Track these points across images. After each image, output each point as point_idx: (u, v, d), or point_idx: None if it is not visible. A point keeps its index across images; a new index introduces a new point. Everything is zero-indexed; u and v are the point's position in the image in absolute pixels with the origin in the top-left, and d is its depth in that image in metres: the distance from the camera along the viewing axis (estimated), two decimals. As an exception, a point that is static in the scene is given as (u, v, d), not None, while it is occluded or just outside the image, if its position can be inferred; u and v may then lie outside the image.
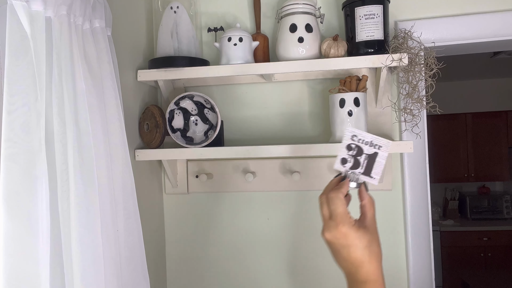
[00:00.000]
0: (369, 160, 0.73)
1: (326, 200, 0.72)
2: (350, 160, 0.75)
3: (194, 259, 1.34)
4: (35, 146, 0.70)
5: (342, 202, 0.71)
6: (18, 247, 0.67)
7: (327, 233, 0.70)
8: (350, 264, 0.69)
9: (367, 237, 0.69)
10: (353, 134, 0.74)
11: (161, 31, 1.17)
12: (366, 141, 0.74)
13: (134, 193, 0.95)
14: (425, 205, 1.21)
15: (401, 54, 1.05)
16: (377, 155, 0.73)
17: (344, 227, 0.68)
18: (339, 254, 0.70)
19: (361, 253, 0.68)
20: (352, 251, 0.68)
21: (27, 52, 0.71)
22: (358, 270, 0.68)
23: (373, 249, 0.69)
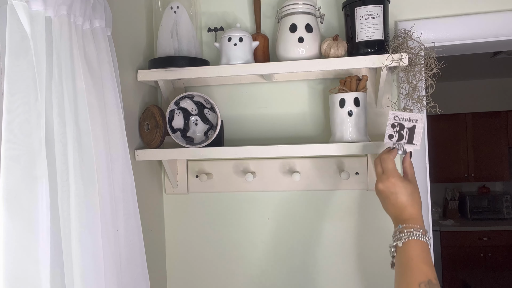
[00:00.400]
0: (410, 132, 0.94)
1: (379, 161, 0.92)
2: (395, 135, 0.95)
3: (194, 259, 1.34)
4: (35, 146, 0.70)
5: (392, 161, 0.91)
6: (19, 247, 0.67)
7: (380, 184, 0.89)
8: (397, 207, 0.87)
9: (411, 187, 0.88)
10: (395, 115, 0.95)
11: (161, 31, 1.17)
12: (405, 118, 0.95)
13: (134, 193, 0.95)
14: (425, 205, 1.21)
15: (401, 54, 1.05)
16: (415, 127, 0.94)
17: (394, 178, 0.88)
18: (388, 201, 0.89)
19: (406, 198, 0.87)
20: (399, 196, 0.87)
21: (27, 52, 0.71)
22: (403, 212, 0.86)
23: (415, 196, 0.88)
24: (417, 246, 0.80)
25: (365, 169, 1.23)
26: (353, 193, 1.26)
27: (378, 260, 1.24)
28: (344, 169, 1.23)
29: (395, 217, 0.88)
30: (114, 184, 0.89)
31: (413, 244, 0.81)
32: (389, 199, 0.88)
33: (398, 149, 0.95)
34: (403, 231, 0.82)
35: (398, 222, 0.86)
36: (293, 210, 1.29)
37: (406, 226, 0.83)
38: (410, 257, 0.80)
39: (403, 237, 0.82)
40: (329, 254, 1.27)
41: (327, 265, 1.27)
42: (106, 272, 0.80)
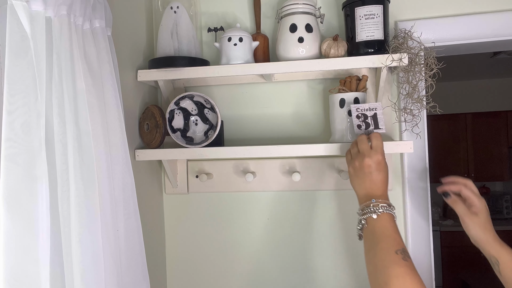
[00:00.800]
0: (374, 120, 1.03)
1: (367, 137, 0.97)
2: (362, 124, 1.04)
3: (194, 259, 1.34)
4: (35, 146, 0.70)
5: (381, 139, 0.96)
6: (18, 247, 0.67)
7: (368, 158, 0.93)
8: (374, 183, 0.92)
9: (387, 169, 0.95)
10: (356, 108, 1.03)
11: (161, 31, 1.17)
12: (365, 108, 1.03)
13: (134, 193, 0.95)
14: (425, 205, 1.21)
15: (401, 54, 1.05)
16: (376, 114, 1.02)
17: (381, 156, 0.94)
18: (368, 176, 0.93)
19: (383, 177, 0.93)
20: (380, 174, 0.93)
21: (27, 52, 0.71)
22: (379, 188, 0.92)
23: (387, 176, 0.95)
24: (390, 218, 0.87)
25: (365, 169, 1.23)
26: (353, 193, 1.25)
27: (378, 260, 1.24)
28: (344, 169, 1.23)
29: (368, 193, 0.92)
30: (114, 184, 0.89)
31: (386, 217, 0.87)
32: (371, 175, 0.92)
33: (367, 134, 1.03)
34: (378, 205, 0.88)
35: (370, 197, 0.91)
36: (293, 210, 1.29)
37: (380, 201, 0.89)
38: (385, 227, 0.85)
39: (378, 211, 0.87)
40: (329, 254, 1.27)
41: (327, 265, 1.27)
42: (106, 272, 0.80)
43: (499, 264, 0.91)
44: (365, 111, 1.03)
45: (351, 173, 0.97)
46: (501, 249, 0.92)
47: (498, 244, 0.93)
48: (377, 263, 0.81)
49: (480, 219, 0.96)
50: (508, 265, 0.90)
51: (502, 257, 0.91)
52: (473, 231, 0.96)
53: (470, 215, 0.97)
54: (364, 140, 0.96)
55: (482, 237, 0.95)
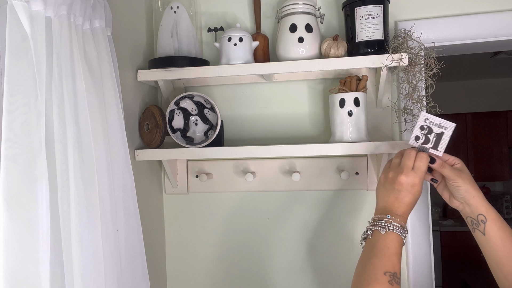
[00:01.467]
0: (437, 138, 0.93)
1: (414, 155, 0.91)
2: (422, 137, 0.94)
3: (194, 259, 1.34)
4: (35, 146, 0.70)
5: (427, 163, 0.90)
6: (19, 247, 0.67)
7: (405, 176, 0.88)
8: (398, 203, 0.88)
9: (420, 194, 0.90)
10: (425, 118, 0.94)
11: (161, 31, 1.17)
12: (436, 123, 0.93)
13: (134, 193, 0.95)
14: (425, 205, 1.21)
15: (401, 54, 1.05)
16: (443, 134, 0.93)
17: (419, 180, 0.89)
18: (396, 193, 0.89)
19: (412, 201, 0.89)
20: (410, 197, 0.88)
21: (27, 52, 0.71)
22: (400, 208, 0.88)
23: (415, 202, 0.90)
24: (397, 240, 0.84)
25: (365, 169, 1.23)
26: (353, 193, 1.26)
27: (378, 260, 1.24)
28: (344, 169, 1.23)
29: (387, 208, 0.89)
30: (114, 184, 0.89)
31: (394, 237, 0.83)
32: (399, 193, 0.88)
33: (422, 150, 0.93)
34: (391, 222, 0.84)
35: (387, 213, 0.87)
36: (293, 210, 1.29)
37: (395, 219, 0.85)
38: (387, 246, 0.82)
39: (389, 227, 0.84)
40: (329, 254, 1.27)
41: (327, 265, 1.27)
42: (106, 272, 0.80)
43: (486, 222, 0.89)
44: (433, 125, 0.93)
45: (381, 182, 0.93)
46: (489, 206, 0.90)
47: (487, 201, 0.91)
48: (362, 275, 0.81)
49: (466, 175, 0.93)
50: (495, 223, 0.89)
51: (491, 214, 0.90)
52: (465, 190, 0.91)
53: (459, 173, 0.92)
54: (411, 156, 0.90)
55: (473, 193, 0.91)
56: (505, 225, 0.89)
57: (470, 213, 0.92)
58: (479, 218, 0.91)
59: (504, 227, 0.89)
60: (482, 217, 0.90)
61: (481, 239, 0.91)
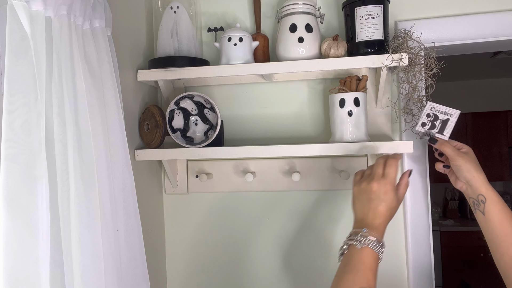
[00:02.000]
0: (442, 124, 0.99)
1: (383, 163, 0.92)
2: (428, 123, 1.01)
3: (194, 259, 1.34)
4: (35, 146, 0.70)
5: (396, 169, 0.91)
6: (18, 247, 0.67)
7: (376, 183, 0.88)
8: (372, 212, 0.86)
9: (395, 204, 0.89)
10: (432, 106, 1.01)
11: (161, 31, 1.17)
12: (441, 110, 1.00)
13: (134, 193, 0.95)
14: (425, 205, 1.21)
15: (401, 54, 1.05)
16: (448, 120, 0.99)
17: (390, 186, 0.88)
18: (370, 203, 0.87)
19: (386, 210, 0.87)
20: (383, 205, 0.86)
21: (27, 52, 0.71)
22: (375, 220, 0.86)
23: (392, 213, 0.88)
24: (373, 256, 0.81)
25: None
26: (353, 193, 1.26)
27: (378, 260, 1.24)
28: (344, 169, 1.23)
29: (364, 220, 0.87)
30: (114, 184, 0.89)
31: (369, 252, 0.81)
32: (372, 202, 0.87)
33: (427, 135, 1.01)
34: (366, 236, 0.82)
35: (364, 225, 0.85)
36: (293, 210, 1.29)
37: (371, 233, 0.83)
38: (362, 261, 0.81)
39: (364, 242, 0.82)
40: (329, 254, 1.27)
41: (327, 265, 1.27)
42: (106, 272, 0.80)
43: (485, 202, 0.91)
44: (439, 113, 1.00)
45: (355, 194, 0.92)
46: (490, 188, 0.93)
47: (488, 183, 0.94)
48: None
49: (470, 157, 0.96)
50: (495, 204, 0.91)
51: (491, 195, 0.92)
52: (466, 169, 0.94)
53: (461, 153, 0.96)
54: (380, 164, 0.91)
55: (475, 174, 0.94)
56: (505, 206, 0.92)
57: (471, 193, 0.95)
58: (479, 198, 0.93)
59: (504, 208, 0.91)
60: (482, 197, 0.93)
61: (481, 219, 0.93)
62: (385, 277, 1.24)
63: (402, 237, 1.23)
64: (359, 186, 0.91)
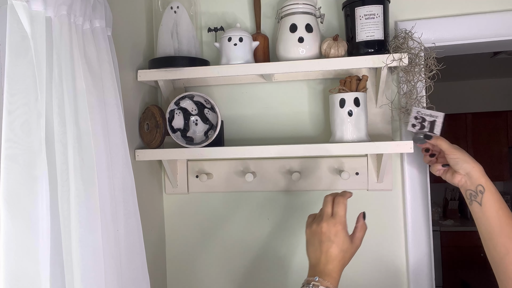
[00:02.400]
0: (431, 125, 1.05)
1: (331, 201, 0.88)
2: (417, 125, 1.06)
3: (194, 259, 1.34)
4: (35, 146, 0.70)
5: (345, 207, 0.87)
6: (18, 247, 0.67)
7: (325, 224, 0.84)
8: (324, 256, 0.82)
9: (348, 245, 0.84)
10: (417, 111, 1.07)
11: (161, 31, 1.17)
12: (427, 113, 1.06)
13: (134, 193, 0.95)
14: (425, 205, 1.21)
15: (401, 54, 1.05)
16: (435, 121, 1.05)
17: (340, 226, 0.84)
18: (320, 245, 0.84)
19: (338, 252, 0.82)
20: (334, 247, 0.82)
21: (27, 52, 0.71)
22: (327, 265, 0.81)
23: (346, 256, 0.84)
24: None
25: (365, 169, 1.23)
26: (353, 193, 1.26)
27: (378, 259, 1.24)
28: (344, 169, 1.23)
29: (317, 266, 0.83)
30: (114, 184, 0.89)
31: None
32: (323, 245, 0.83)
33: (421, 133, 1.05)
34: (318, 286, 0.79)
35: (317, 273, 0.82)
36: (293, 210, 1.29)
37: (323, 282, 0.79)
38: None
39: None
40: (329, 254, 1.27)
41: (327, 265, 1.27)
42: (106, 272, 0.80)
43: (484, 192, 0.92)
44: (425, 116, 1.05)
45: (307, 238, 0.88)
46: (488, 179, 0.94)
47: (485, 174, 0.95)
48: None
49: (463, 151, 0.98)
50: (492, 194, 0.92)
51: (489, 186, 0.93)
52: (464, 160, 0.97)
53: (454, 146, 0.98)
54: (328, 203, 0.88)
55: (474, 165, 0.96)
56: (501, 198, 0.93)
57: (470, 185, 0.95)
58: (477, 189, 0.94)
59: (500, 199, 0.92)
60: (480, 188, 0.94)
61: (477, 210, 0.94)
62: (385, 277, 1.24)
63: (402, 237, 1.23)
64: (310, 228, 0.87)
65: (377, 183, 1.22)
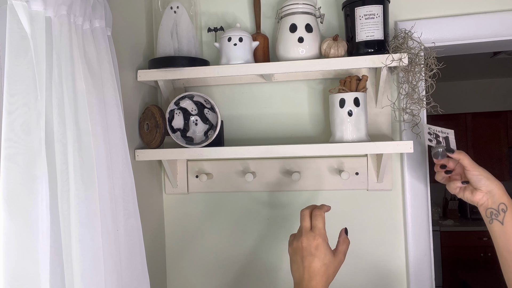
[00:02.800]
0: (446, 140, 1.02)
1: (309, 215, 0.86)
2: (433, 140, 1.05)
3: (194, 258, 1.34)
4: (35, 146, 0.70)
5: (323, 220, 0.85)
6: (18, 247, 0.67)
7: (305, 240, 0.82)
8: (307, 272, 0.80)
9: (330, 258, 0.82)
10: (428, 127, 1.06)
11: (161, 31, 1.17)
12: (438, 130, 1.04)
13: (134, 193, 0.95)
14: (425, 205, 1.21)
15: (401, 54, 1.05)
16: (448, 137, 1.03)
17: (321, 239, 0.82)
18: (302, 261, 0.81)
19: (320, 266, 0.80)
20: (316, 261, 0.80)
21: (27, 52, 0.71)
22: (311, 281, 0.79)
23: (329, 270, 0.81)
24: None
25: (365, 169, 1.23)
26: (353, 193, 1.26)
27: (378, 259, 1.24)
28: (344, 169, 1.23)
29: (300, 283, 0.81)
30: (114, 184, 0.89)
31: None
32: (304, 260, 0.81)
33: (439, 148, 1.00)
34: None
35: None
36: (293, 210, 1.29)
37: None
38: None
39: None
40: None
41: (327, 265, 1.27)
42: (106, 272, 0.80)
43: (506, 211, 0.89)
44: (437, 132, 1.04)
45: (290, 256, 0.85)
46: (510, 198, 0.91)
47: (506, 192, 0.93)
48: None
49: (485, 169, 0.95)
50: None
51: None
52: (487, 177, 0.93)
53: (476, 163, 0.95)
54: (306, 217, 0.86)
55: (496, 183, 0.93)
56: None
57: (491, 203, 0.92)
58: (499, 208, 0.91)
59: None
60: (503, 206, 0.90)
61: (497, 229, 0.90)
62: (385, 277, 1.24)
63: (402, 237, 1.23)
64: (292, 246, 0.85)
65: (377, 183, 1.22)
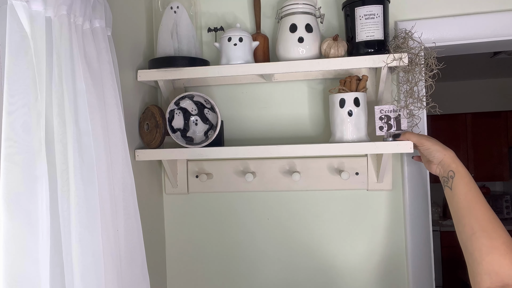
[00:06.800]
0: (397, 122, 1.06)
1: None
2: (384, 126, 1.07)
3: (194, 259, 1.34)
4: (35, 146, 0.70)
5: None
6: (18, 247, 0.67)
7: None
8: None
9: None
10: (380, 109, 1.07)
11: (161, 31, 1.17)
12: (390, 110, 1.07)
13: (134, 193, 0.95)
14: (425, 205, 1.21)
15: (401, 53, 1.05)
16: (400, 115, 1.06)
17: None
18: None
19: None
20: None
21: (27, 52, 0.71)
22: None
23: None
24: None
25: (365, 169, 1.23)
26: (353, 193, 1.26)
27: (378, 259, 1.25)
28: (344, 169, 1.23)
29: None
30: (114, 184, 0.89)
31: None
32: None
33: (389, 135, 1.07)
34: None
35: None
36: (293, 210, 1.29)
37: None
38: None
39: None
40: (329, 254, 1.27)
41: (326, 265, 1.27)
42: (106, 272, 0.80)
43: (454, 177, 0.97)
44: (388, 113, 1.07)
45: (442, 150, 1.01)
46: (460, 163, 0.99)
47: (458, 160, 1.00)
48: None
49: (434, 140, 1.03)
50: (462, 178, 0.96)
51: (460, 170, 0.97)
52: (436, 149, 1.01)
53: (424, 136, 1.03)
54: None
55: (445, 153, 1.00)
56: (471, 181, 0.97)
57: (443, 172, 1.00)
58: (449, 175, 0.98)
59: (470, 183, 0.96)
60: (451, 173, 0.98)
61: (448, 194, 0.98)
62: (385, 277, 1.24)
63: (402, 237, 1.23)
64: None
65: (377, 183, 1.22)
